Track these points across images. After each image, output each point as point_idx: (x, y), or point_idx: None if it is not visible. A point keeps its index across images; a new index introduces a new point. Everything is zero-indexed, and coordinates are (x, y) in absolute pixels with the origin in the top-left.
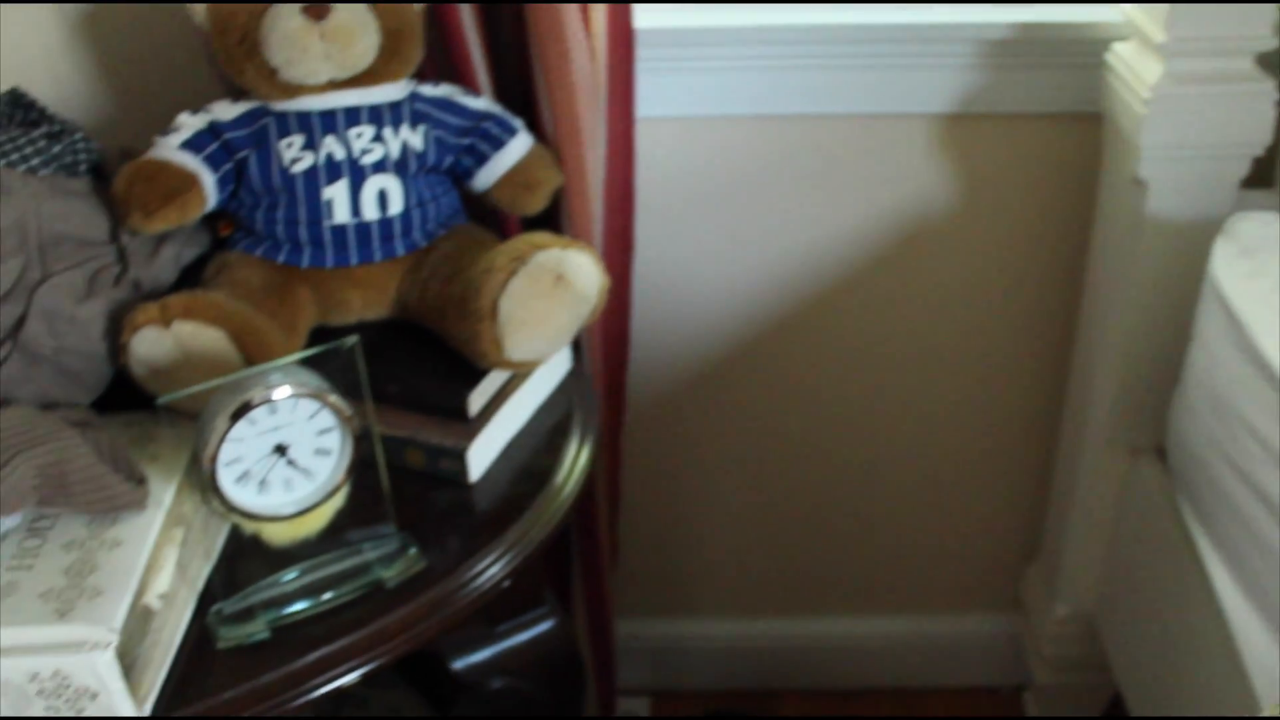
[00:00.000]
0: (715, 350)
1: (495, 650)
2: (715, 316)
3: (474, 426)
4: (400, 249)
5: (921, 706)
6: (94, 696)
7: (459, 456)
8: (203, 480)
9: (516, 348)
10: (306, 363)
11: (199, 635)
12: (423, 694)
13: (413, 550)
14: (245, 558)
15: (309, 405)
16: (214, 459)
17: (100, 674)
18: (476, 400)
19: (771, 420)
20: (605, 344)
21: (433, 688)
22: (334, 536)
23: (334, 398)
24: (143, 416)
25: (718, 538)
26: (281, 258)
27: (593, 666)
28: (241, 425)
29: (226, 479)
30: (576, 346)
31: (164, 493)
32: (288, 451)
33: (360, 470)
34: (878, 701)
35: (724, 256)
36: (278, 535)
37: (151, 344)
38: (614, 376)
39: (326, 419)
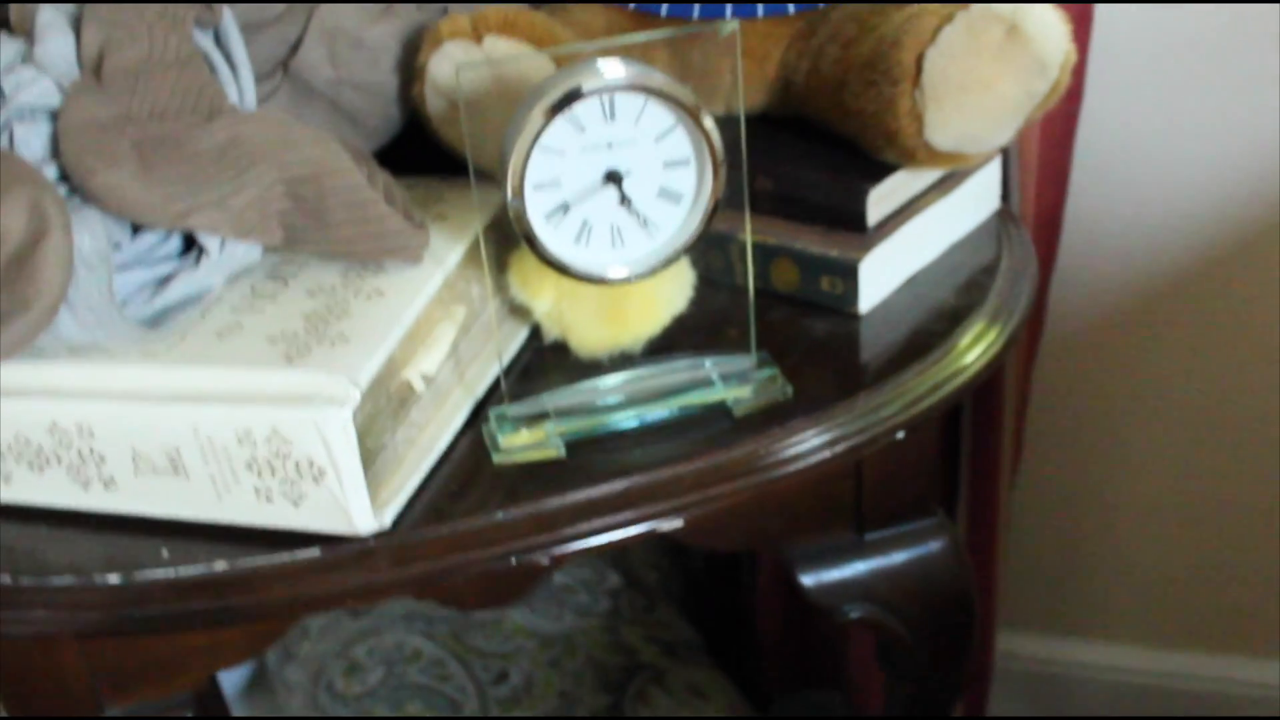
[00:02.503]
0: (1158, 272)
1: (861, 567)
2: (1163, 228)
3: (871, 239)
4: (791, 4)
5: None
6: (318, 478)
7: (848, 272)
8: (506, 206)
9: (944, 124)
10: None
11: (469, 449)
12: (733, 676)
13: (772, 371)
14: (543, 373)
15: (660, 116)
16: (522, 172)
17: (330, 444)
18: (878, 203)
19: (1230, 383)
20: (1038, 203)
21: (744, 662)
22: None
23: (703, 114)
24: (429, 180)
25: (1132, 534)
26: (633, 4)
27: None
28: (563, 126)
29: (536, 208)
30: (1005, 190)
31: (448, 253)
32: (623, 183)
33: (703, 291)
34: None
35: (1186, 153)
36: (591, 340)
37: (455, 63)
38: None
39: (681, 144)
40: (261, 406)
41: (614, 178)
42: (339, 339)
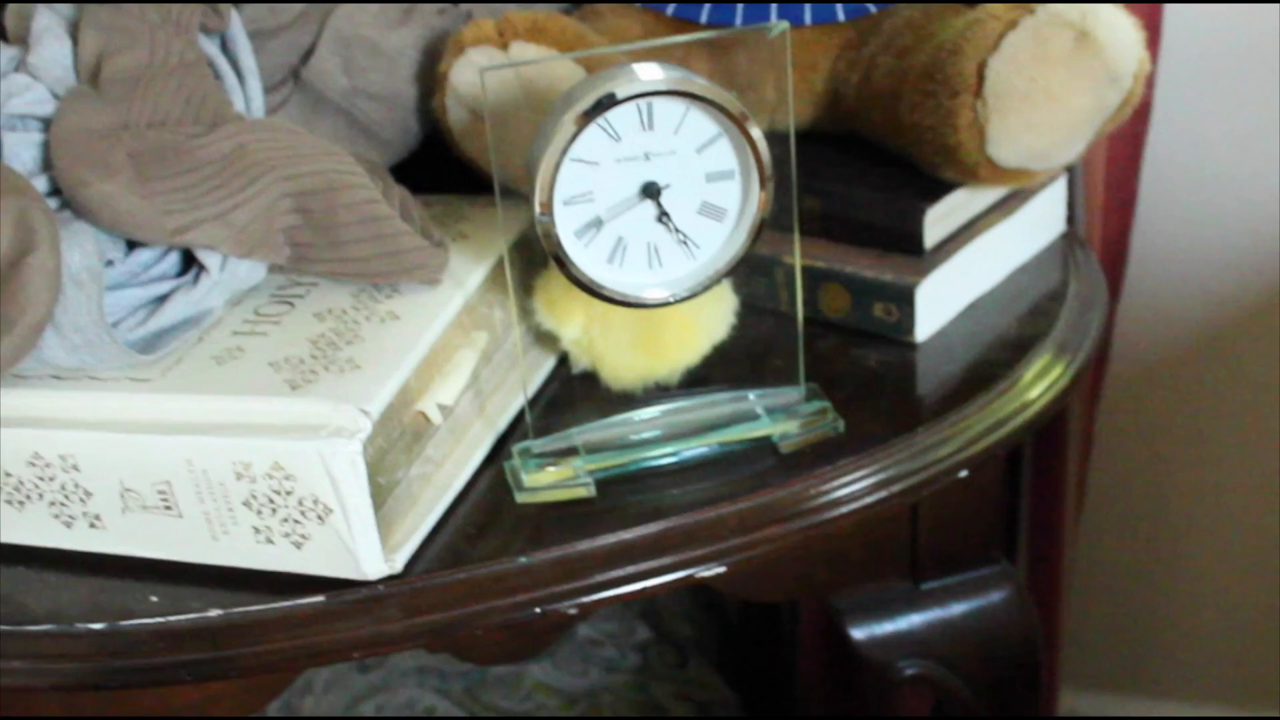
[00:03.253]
0: (1231, 302)
1: (917, 619)
2: (1237, 255)
3: (928, 262)
4: (841, 11)
5: None
6: (323, 517)
7: (904, 298)
8: (533, 223)
9: (1008, 138)
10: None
11: (490, 488)
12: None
13: (821, 404)
14: (571, 406)
15: (702, 124)
16: (551, 185)
17: (337, 479)
18: (936, 224)
19: None
20: (1104, 228)
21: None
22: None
23: (749, 122)
24: (450, 198)
25: (1206, 584)
26: (671, 8)
27: None
28: (596, 135)
29: (566, 224)
30: (1070, 213)
31: (468, 274)
32: (661, 197)
33: (746, 317)
34: None
35: (1262, 173)
36: (624, 369)
37: (488, 85)
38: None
39: (725, 155)
40: (262, 437)
41: (651, 191)
42: (349, 365)
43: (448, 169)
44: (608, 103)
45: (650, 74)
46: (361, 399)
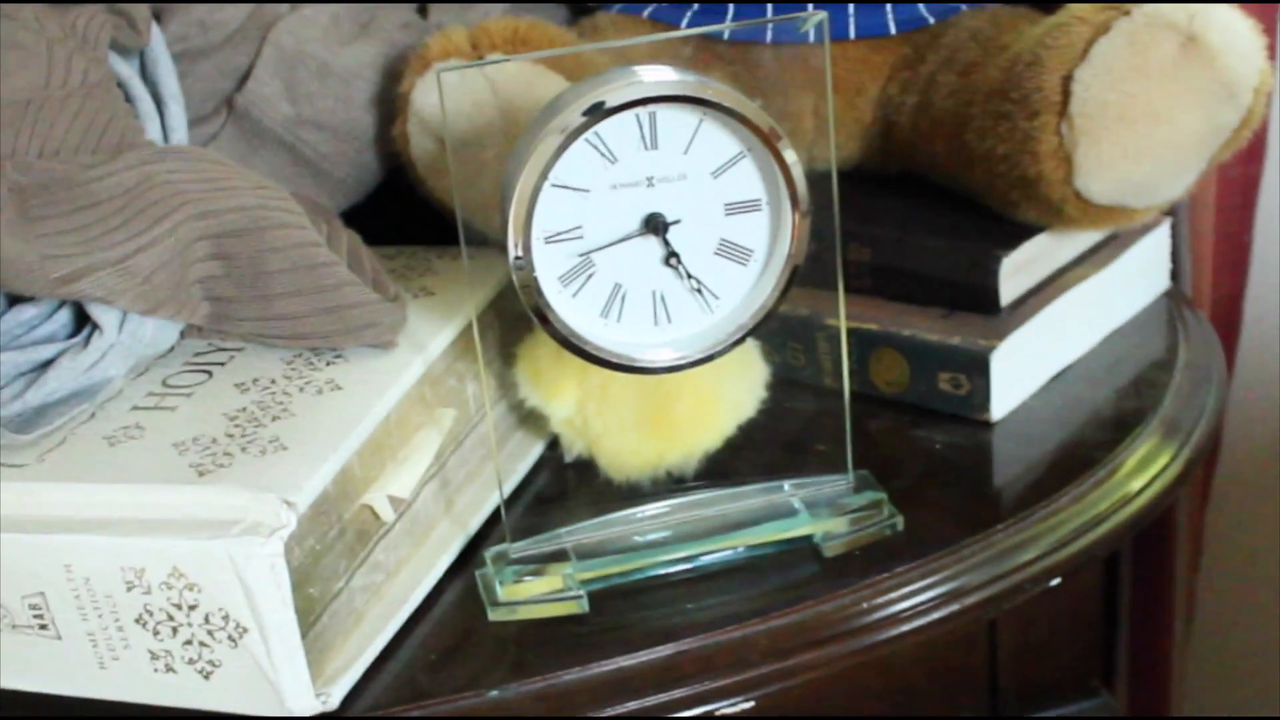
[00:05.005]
0: None
1: None
2: None
3: (1004, 324)
4: (892, 22)
5: None
6: (236, 639)
7: (976, 367)
8: (510, 264)
9: (1101, 167)
10: None
11: (458, 602)
12: None
13: (874, 496)
14: (562, 500)
15: (719, 142)
16: (528, 217)
17: (254, 590)
18: (1013, 276)
19: None
20: (1213, 294)
21: None
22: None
23: (779, 140)
24: (417, 248)
25: None
26: (685, 20)
27: None
28: (584, 154)
29: (548, 267)
30: (1174, 267)
31: (432, 337)
32: (668, 232)
33: (779, 391)
34: None
35: None
36: (627, 455)
37: (450, 95)
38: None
39: (748, 181)
40: (158, 536)
41: (656, 226)
42: (273, 446)
43: (416, 217)
44: (599, 112)
45: (655, 76)
46: (286, 488)
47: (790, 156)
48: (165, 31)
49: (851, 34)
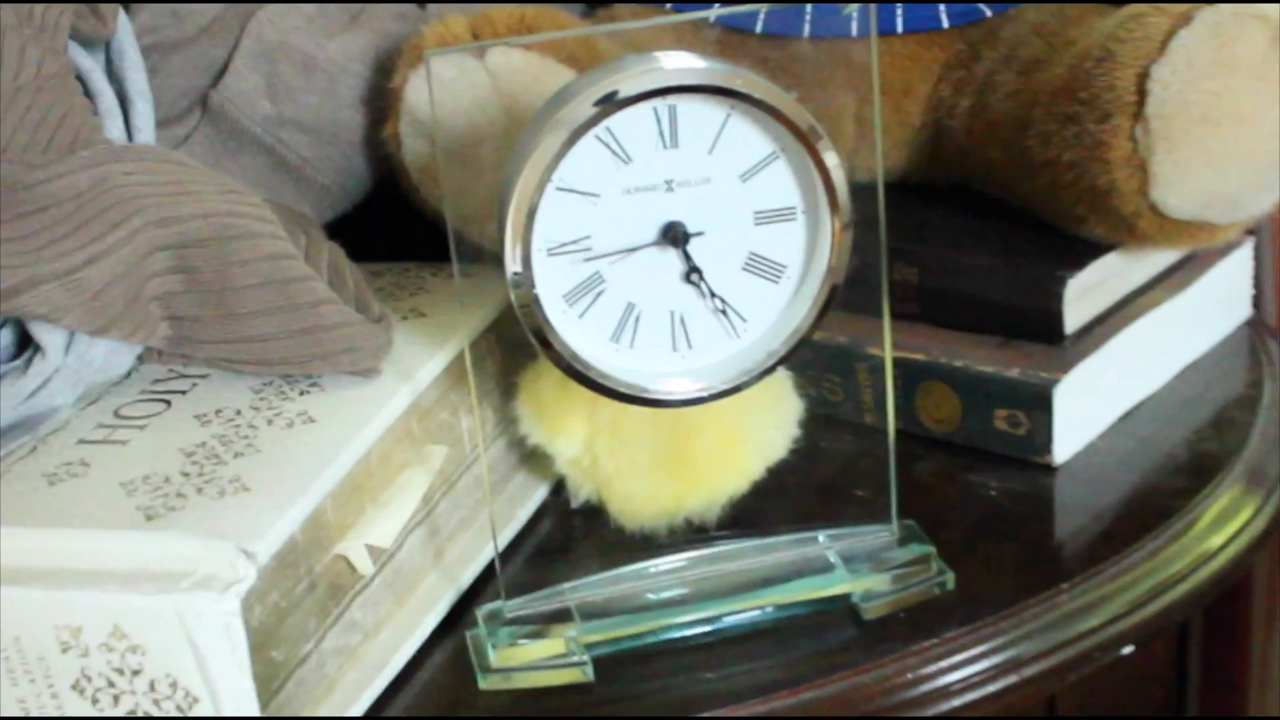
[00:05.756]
0: None
1: None
2: None
3: (1069, 354)
4: (945, 15)
5: None
6: (184, 709)
7: (1037, 403)
8: (507, 280)
9: (1180, 176)
10: None
11: (447, 667)
12: None
13: (921, 550)
14: (566, 552)
15: (749, 140)
16: (528, 225)
17: (205, 654)
18: (1079, 300)
19: None
20: None
21: None
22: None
23: (819, 139)
24: (410, 264)
25: None
26: (714, 14)
27: None
28: (594, 153)
29: (551, 284)
30: (1257, 293)
31: (421, 364)
32: (688, 243)
33: (814, 429)
34: None
35: None
36: (641, 499)
37: (446, 89)
38: None
39: (782, 186)
40: (96, 590)
41: (676, 237)
42: (233, 487)
43: (411, 232)
44: (611, 103)
45: (676, 63)
46: (245, 535)
47: (831, 159)
48: (134, 21)
49: (899, 28)
